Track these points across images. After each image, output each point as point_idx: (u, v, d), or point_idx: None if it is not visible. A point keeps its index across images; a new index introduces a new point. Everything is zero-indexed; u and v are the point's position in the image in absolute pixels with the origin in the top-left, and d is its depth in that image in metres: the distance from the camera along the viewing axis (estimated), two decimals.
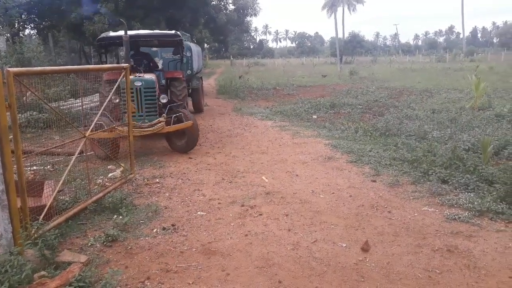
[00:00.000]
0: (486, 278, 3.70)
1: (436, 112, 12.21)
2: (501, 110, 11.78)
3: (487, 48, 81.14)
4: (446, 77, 25.04)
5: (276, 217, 5.11)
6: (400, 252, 4.19)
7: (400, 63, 45.70)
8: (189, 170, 7.24)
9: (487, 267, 3.87)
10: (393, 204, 5.50)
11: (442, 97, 15.63)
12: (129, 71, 6.36)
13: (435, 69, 33.60)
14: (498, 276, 3.72)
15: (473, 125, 10.03)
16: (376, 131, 9.99)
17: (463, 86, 18.32)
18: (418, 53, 75.10)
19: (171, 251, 4.30)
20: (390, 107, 14.02)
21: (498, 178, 5.77)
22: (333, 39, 54.04)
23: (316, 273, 3.82)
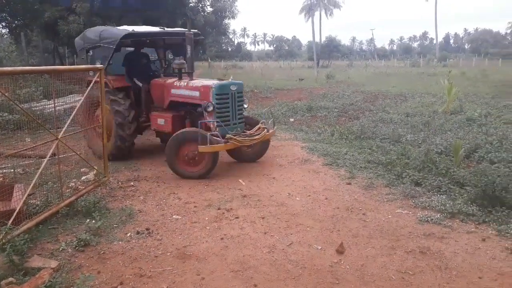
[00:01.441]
0: (457, 278, 3.78)
1: (410, 116, 12.45)
2: (472, 114, 12.10)
3: (459, 54, 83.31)
4: (420, 82, 25.57)
5: (253, 220, 5.10)
6: (374, 254, 4.24)
7: (376, 68, 46.45)
8: (164, 173, 7.16)
9: (458, 268, 3.96)
10: (367, 206, 5.57)
11: (416, 101, 15.95)
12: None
13: (409, 74, 34.29)
14: (468, 276, 3.80)
15: (446, 128, 10.28)
16: (352, 134, 10.11)
17: (436, 90, 18.74)
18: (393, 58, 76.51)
19: (145, 255, 4.23)
20: (365, 110, 14.22)
21: (469, 180, 5.91)
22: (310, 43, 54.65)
23: (292, 276, 3.83)
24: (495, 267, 3.96)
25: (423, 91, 19.54)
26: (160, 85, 7.93)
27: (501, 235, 4.61)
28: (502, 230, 4.68)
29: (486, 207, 5.22)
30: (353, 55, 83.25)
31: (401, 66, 52.33)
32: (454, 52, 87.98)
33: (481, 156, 7.44)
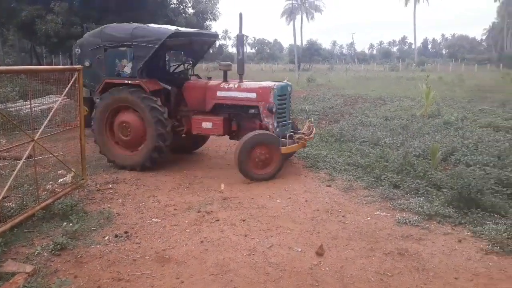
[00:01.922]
0: (434, 279, 3.84)
1: (389, 119, 12.62)
2: (449, 118, 12.35)
3: (437, 59, 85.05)
4: (399, 86, 25.97)
5: (233, 223, 5.09)
6: (353, 256, 4.27)
7: (356, 71, 46.98)
8: (144, 175, 7.09)
9: (435, 269, 4.02)
10: (347, 208, 5.62)
11: (395, 105, 16.18)
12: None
13: (388, 78, 34.79)
14: (445, 277, 3.87)
15: (423, 132, 10.46)
16: (332, 137, 10.18)
17: (415, 94, 19.05)
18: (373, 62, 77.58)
19: (123, 259, 4.17)
20: (345, 114, 14.36)
21: (445, 183, 6.03)
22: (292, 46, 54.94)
23: (272, 279, 3.83)
24: (471, 268, 4.04)
25: (401, 95, 19.84)
26: (200, 87, 7.68)
27: (476, 236, 4.71)
28: (477, 232, 4.78)
29: (462, 209, 5.33)
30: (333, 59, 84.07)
31: (381, 70, 53.08)
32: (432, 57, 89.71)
33: (457, 159, 7.60)
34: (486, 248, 4.42)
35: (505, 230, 4.65)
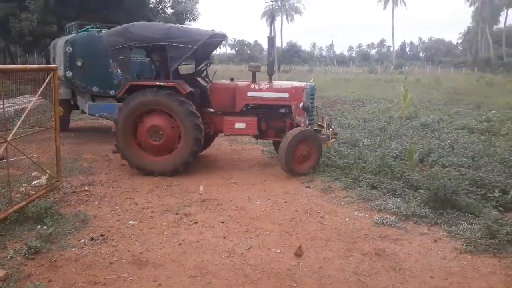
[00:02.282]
0: (410, 279, 3.89)
1: (367, 121, 12.78)
2: (426, 120, 12.58)
3: (414, 61, 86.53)
4: (377, 88, 26.34)
5: (212, 225, 5.06)
6: (331, 257, 4.30)
7: (335, 73, 47.45)
8: (121, 177, 6.98)
9: (411, 268, 4.08)
10: (325, 209, 5.65)
11: (373, 107, 16.40)
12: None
13: (367, 80, 35.25)
14: (421, 277, 3.93)
15: (401, 133, 10.62)
16: None
17: (393, 96, 19.35)
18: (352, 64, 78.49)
19: (99, 262, 4.09)
20: (324, 115, 14.45)
21: (422, 184, 6.13)
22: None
23: (251, 280, 3.81)
24: (446, 267, 4.11)
25: (380, 97, 20.13)
26: (228, 89, 7.66)
27: (451, 236, 4.80)
28: (452, 231, 4.87)
29: (438, 209, 5.42)
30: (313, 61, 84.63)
31: (359, 73, 53.74)
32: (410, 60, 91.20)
33: (433, 160, 7.74)
34: (460, 247, 4.50)
35: (478, 230, 4.75)
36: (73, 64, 9.28)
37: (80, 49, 9.33)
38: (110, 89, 9.53)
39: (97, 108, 9.58)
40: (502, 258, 4.30)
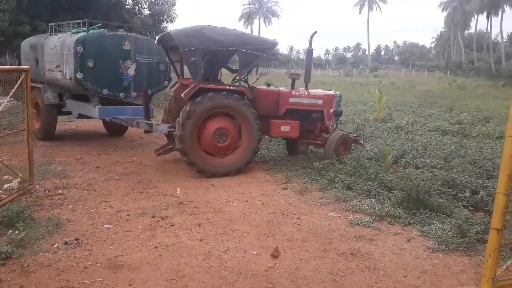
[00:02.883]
0: (384, 278, 3.96)
1: (343, 123, 12.93)
2: (400, 122, 12.86)
3: (389, 64, 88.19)
4: (353, 91, 26.72)
5: (188, 228, 5.03)
6: (307, 257, 4.34)
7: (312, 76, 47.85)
8: (96, 180, 6.87)
9: (385, 268, 4.16)
10: (302, 210, 5.70)
11: (349, 109, 16.61)
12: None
13: (343, 83, 35.74)
14: (394, 276, 4.01)
15: (376, 135, 10.82)
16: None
17: (368, 99, 19.68)
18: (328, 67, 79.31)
19: (73, 266, 4.02)
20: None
21: (396, 185, 6.24)
22: None
23: (227, 282, 3.82)
24: (418, 266, 4.20)
25: (355, 100, 20.43)
26: (273, 94, 8.10)
27: (424, 235, 4.91)
28: (425, 231, 4.99)
29: (411, 209, 5.54)
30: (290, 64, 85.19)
31: (336, 76, 54.42)
32: (385, 63, 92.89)
33: (407, 162, 7.90)
34: (432, 246, 4.61)
35: (450, 229, 4.87)
36: (84, 65, 8.46)
37: (91, 49, 8.54)
38: (120, 92, 9.07)
39: (108, 112, 8.99)
40: (472, 256, 4.43)
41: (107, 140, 9.88)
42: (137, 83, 9.14)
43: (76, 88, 9.07)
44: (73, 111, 9.94)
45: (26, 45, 11.06)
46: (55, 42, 9.34)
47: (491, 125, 12.84)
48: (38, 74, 9.87)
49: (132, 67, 8.95)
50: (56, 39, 9.45)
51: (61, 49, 8.96)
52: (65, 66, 8.80)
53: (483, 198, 5.82)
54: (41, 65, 9.88)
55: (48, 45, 9.61)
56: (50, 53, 9.46)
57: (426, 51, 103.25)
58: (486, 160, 7.51)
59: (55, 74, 9.27)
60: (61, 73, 8.96)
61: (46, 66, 9.64)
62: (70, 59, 8.58)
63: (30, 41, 11.04)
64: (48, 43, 9.69)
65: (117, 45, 8.79)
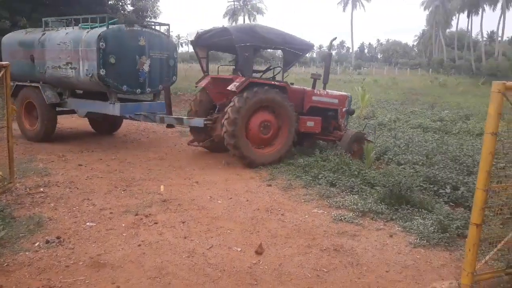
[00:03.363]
0: (367, 273, 4.01)
1: None
2: (383, 119, 12.99)
3: (372, 62, 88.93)
4: (337, 88, 26.80)
5: (172, 225, 5.01)
6: (291, 254, 4.36)
7: (296, 74, 47.96)
8: (78, 178, 6.78)
9: (368, 263, 4.21)
10: (286, 207, 5.73)
11: None
12: None
13: None
14: (377, 271, 4.06)
15: None
16: None
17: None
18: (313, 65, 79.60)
19: (55, 265, 3.97)
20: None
21: (378, 181, 6.32)
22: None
23: (211, 280, 3.81)
24: (400, 261, 4.26)
25: None
26: (299, 92, 8.64)
27: (406, 231, 4.98)
28: (407, 227, 5.06)
29: (393, 205, 5.61)
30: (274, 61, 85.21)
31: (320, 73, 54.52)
32: (368, 61, 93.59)
33: (390, 158, 8.00)
34: (414, 242, 4.68)
35: (431, 225, 4.95)
36: (106, 62, 8.18)
37: (112, 45, 8.29)
38: (137, 88, 8.89)
39: (129, 108, 8.89)
40: (453, 251, 4.51)
41: (89, 137, 9.76)
42: (151, 79, 9.06)
43: (95, 86, 8.70)
44: (79, 109, 9.56)
45: (11, 41, 10.08)
46: (63, 37, 8.81)
47: (472, 122, 13.07)
48: (37, 72, 9.32)
49: (147, 62, 8.89)
50: (63, 34, 8.90)
51: (75, 45, 8.54)
52: (82, 63, 8.46)
53: (463, 194, 5.92)
54: (39, 62, 9.25)
55: (52, 41, 9.04)
56: (56, 50, 8.89)
57: (408, 49, 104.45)
58: (467, 156, 7.65)
59: (65, 72, 8.79)
60: (75, 71, 8.59)
61: (49, 63, 9.05)
62: (90, 55, 8.25)
63: (16, 36, 10.13)
64: (50, 39, 9.09)
65: (134, 41, 8.63)
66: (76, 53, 8.50)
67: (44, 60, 9.16)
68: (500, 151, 3.55)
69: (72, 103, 9.54)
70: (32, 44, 9.44)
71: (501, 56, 50.59)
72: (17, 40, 9.91)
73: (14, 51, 9.88)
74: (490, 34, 79.27)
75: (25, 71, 9.52)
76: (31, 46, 9.44)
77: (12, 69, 9.20)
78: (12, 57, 9.61)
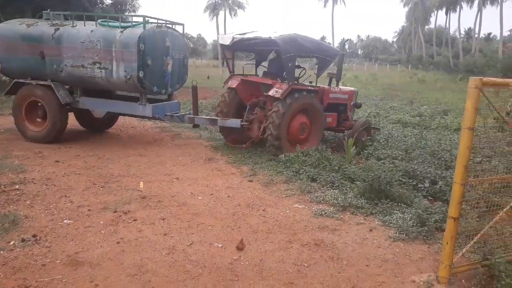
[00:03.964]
0: (347, 267, 4.04)
1: None
2: (363, 115, 13.09)
3: (353, 58, 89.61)
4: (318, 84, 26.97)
5: (152, 222, 4.95)
6: (272, 249, 4.36)
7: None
8: (55, 175, 6.63)
9: (348, 257, 4.24)
10: (267, 202, 5.73)
11: None
12: None
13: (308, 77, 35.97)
14: (357, 265, 4.10)
15: None
16: None
17: None
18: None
19: (31, 264, 3.87)
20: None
21: (358, 176, 6.38)
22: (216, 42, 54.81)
23: (191, 276, 3.78)
24: (380, 255, 4.31)
25: None
26: (320, 90, 9.08)
27: (385, 225, 5.04)
28: (386, 221, 5.12)
29: (373, 200, 5.67)
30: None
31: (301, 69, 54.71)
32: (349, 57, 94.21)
33: (369, 153, 8.08)
34: (394, 235, 4.74)
35: (410, 219, 5.02)
36: (145, 63, 8.05)
37: (149, 46, 8.14)
38: (163, 88, 8.83)
39: (160, 109, 8.88)
40: (431, 244, 4.58)
41: (67, 133, 9.54)
42: (172, 79, 8.99)
43: (130, 87, 8.56)
44: (96, 109, 9.42)
45: (7, 33, 9.00)
46: (89, 35, 8.34)
47: (450, 117, 13.32)
48: (48, 70, 8.68)
49: (170, 63, 8.82)
50: (87, 31, 8.40)
51: (106, 44, 8.19)
52: (117, 64, 8.20)
53: (441, 188, 6.02)
54: (53, 59, 8.61)
55: (72, 38, 8.49)
56: (79, 47, 8.39)
57: (388, 45, 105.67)
58: (445, 151, 7.77)
59: (90, 71, 8.37)
60: (105, 71, 8.26)
61: (68, 61, 8.51)
62: (128, 57, 8.03)
63: (14, 28, 9.02)
64: (69, 35, 8.51)
65: (163, 42, 8.58)
66: (108, 53, 8.18)
67: (61, 57, 8.56)
68: (477, 145, 3.61)
69: (87, 102, 9.14)
70: (41, 38, 8.68)
71: (477, 53, 51.61)
72: (18, 33, 8.92)
73: (13, 44, 8.93)
74: (467, 31, 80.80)
75: (30, 68, 8.83)
76: (40, 41, 8.68)
77: (10, 64, 8.93)
78: (10, 51, 8.91)
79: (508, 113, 3.50)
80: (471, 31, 72.17)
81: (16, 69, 8.90)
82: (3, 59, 9.03)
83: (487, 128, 3.71)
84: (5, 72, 9.55)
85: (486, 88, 3.41)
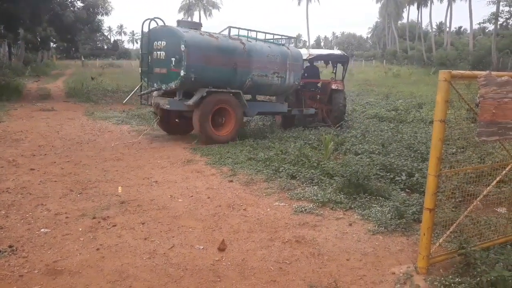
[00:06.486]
0: (328, 262, 4.08)
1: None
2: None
3: None
4: None
5: (132, 227, 4.89)
6: (254, 248, 4.37)
7: None
8: (31, 183, 6.48)
9: (329, 252, 4.28)
10: (248, 201, 5.74)
11: None
12: None
13: None
14: (338, 259, 4.14)
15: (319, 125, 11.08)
16: None
17: None
18: None
19: (7, 276, 3.78)
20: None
21: (337, 171, 6.45)
22: None
23: (173, 280, 3.76)
24: (360, 249, 4.37)
25: None
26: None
27: (365, 219, 5.11)
28: (365, 215, 5.19)
29: (352, 194, 5.74)
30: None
31: None
32: None
33: (347, 149, 8.18)
34: (373, 229, 4.81)
35: (388, 212, 5.10)
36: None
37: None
38: None
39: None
40: (410, 236, 4.67)
41: (41, 140, 9.33)
42: None
43: (292, 90, 11.28)
44: (249, 111, 10.42)
45: (201, 44, 9.27)
46: (270, 51, 10.38)
47: (424, 110, 13.60)
48: (238, 80, 9.86)
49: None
50: (267, 48, 10.39)
51: (283, 58, 10.54)
52: (289, 73, 10.68)
53: (418, 180, 6.14)
54: (243, 71, 9.85)
55: (259, 52, 10.14)
56: (265, 61, 10.19)
57: (363, 41, 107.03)
58: (421, 144, 7.94)
59: (271, 80, 10.39)
60: (282, 79, 10.58)
61: (255, 72, 10.04)
62: (297, 68, 10.91)
63: (208, 40, 9.43)
64: (257, 50, 10.13)
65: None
66: (284, 65, 10.53)
67: (250, 68, 9.95)
68: (450, 137, 3.70)
69: (249, 105, 10.47)
70: (235, 52, 9.74)
71: (449, 46, 52.73)
72: (214, 45, 9.43)
73: (210, 56, 9.31)
74: (439, 25, 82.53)
75: (225, 78, 9.68)
76: (233, 54, 9.69)
77: (208, 74, 9.38)
78: (206, 62, 9.26)
79: (477, 105, 3.59)
80: (442, 25, 73.68)
81: (212, 79, 9.44)
82: (196, 68, 9.17)
83: (459, 120, 3.80)
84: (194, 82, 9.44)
85: (456, 81, 3.49)
